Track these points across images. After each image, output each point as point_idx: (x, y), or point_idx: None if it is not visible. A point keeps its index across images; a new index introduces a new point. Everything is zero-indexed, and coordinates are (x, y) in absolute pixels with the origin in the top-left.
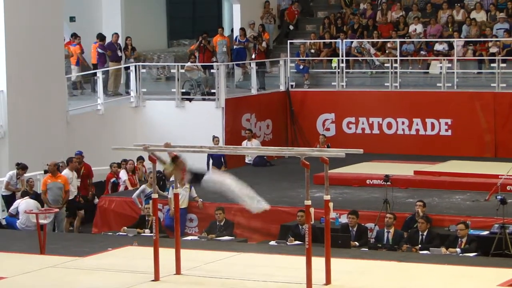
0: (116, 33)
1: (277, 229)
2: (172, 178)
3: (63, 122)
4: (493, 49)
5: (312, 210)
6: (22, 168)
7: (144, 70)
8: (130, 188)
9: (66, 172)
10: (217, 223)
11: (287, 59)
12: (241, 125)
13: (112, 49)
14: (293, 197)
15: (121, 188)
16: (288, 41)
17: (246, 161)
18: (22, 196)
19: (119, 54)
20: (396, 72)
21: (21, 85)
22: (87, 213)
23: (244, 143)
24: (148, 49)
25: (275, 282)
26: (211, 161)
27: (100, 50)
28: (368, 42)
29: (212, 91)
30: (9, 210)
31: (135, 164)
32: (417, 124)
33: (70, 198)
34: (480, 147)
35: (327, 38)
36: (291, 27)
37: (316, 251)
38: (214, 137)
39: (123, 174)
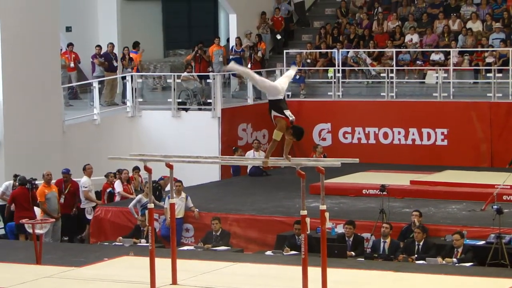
0: (112, 43)
1: (273, 239)
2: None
3: (59, 131)
4: (489, 59)
5: (308, 220)
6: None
7: (140, 80)
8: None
9: (85, 179)
10: (213, 233)
11: (283, 69)
12: (237, 135)
13: (108, 59)
14: (289, 207)
15: (117, 198)
16: (284, 51)
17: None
18: None
19: (115, 64)
20: (392, 82)
21: (17, 95)
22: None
23: (251, 153)
24: (144, 59)
25: None
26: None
27: (91, 60)
28: (364, 52)
29: (208, 101)
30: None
31: (131, 174)
32: (413, 134)
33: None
34: (476, 157)
35: (323, 48)
36: (279, 36)
37: (312, 261)
38: (235, 148)
39: (117, 185)
